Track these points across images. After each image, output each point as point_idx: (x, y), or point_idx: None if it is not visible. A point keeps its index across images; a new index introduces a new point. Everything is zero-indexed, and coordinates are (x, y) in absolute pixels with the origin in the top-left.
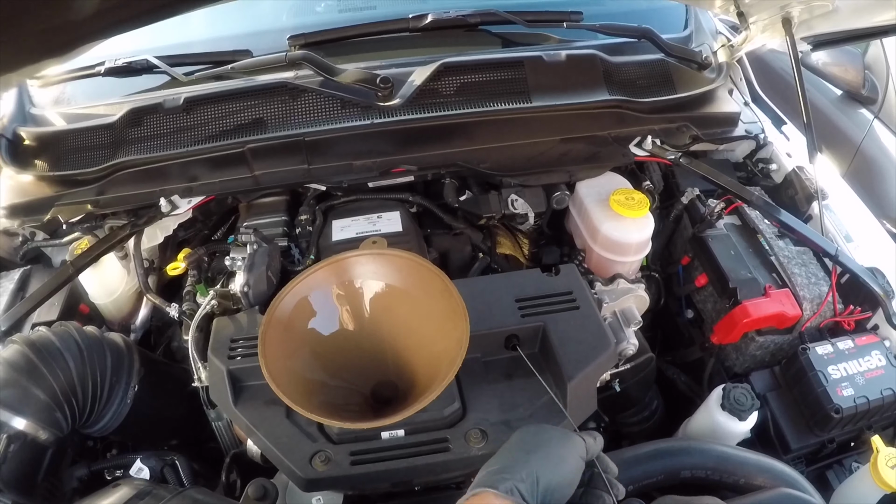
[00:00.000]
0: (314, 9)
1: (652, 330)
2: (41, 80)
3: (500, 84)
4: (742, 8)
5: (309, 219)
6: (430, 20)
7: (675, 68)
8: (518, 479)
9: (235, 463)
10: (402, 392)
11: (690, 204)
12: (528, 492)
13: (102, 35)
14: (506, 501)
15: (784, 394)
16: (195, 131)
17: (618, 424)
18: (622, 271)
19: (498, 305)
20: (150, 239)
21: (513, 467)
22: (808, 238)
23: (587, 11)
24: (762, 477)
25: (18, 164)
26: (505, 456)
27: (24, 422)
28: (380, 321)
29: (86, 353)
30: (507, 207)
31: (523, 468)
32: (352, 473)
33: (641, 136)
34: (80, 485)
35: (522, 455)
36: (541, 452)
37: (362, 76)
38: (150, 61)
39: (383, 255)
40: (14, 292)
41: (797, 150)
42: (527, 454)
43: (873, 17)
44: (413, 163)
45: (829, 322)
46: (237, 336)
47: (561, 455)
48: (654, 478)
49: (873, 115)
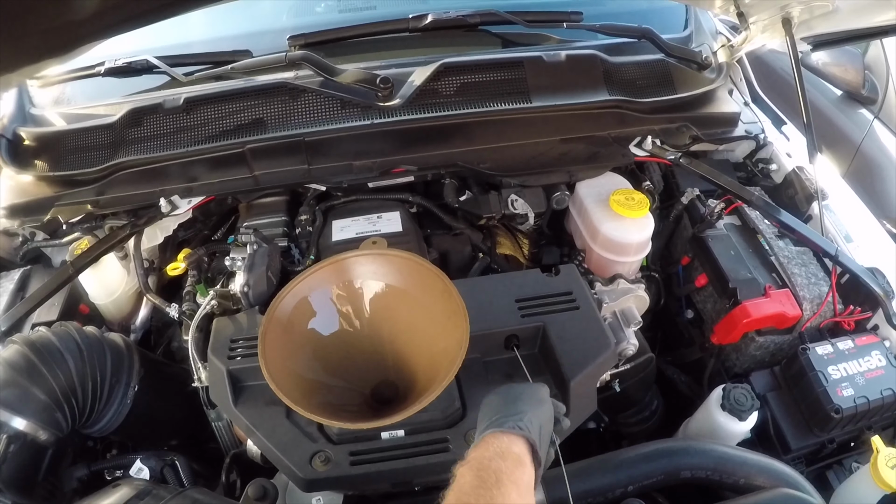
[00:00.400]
0: (314, 9)
1: (652, 330)
2: (41, 81)
3: (499, 84)
4: (742, 8)
5: (309, 219)
6: (429, 20)
7: (675, 68)
8: (516, 419)
9: (235, 463)
10: (401, 392)
11: (690, 204)
12: (526, 427)
13: (102, 35)
14: (511, 433)
15: (784, 394)
16: (195, 131)
17: (618, 424)
18: (622, 271)
19: (498, 306)
20: (150, 239)
21: (507, 413)
22: (808, 238)
23: (587, 11)
24: (762, 477)
25: (18, 165)
26: (493, 409)
27: (24, 422)
28: (380, 321)
29: (86, 353)
30: (507, 207)
31: (515, 411)
32: (352, 474)
33: (641, 137)
34: (79, 485)
35: (511, 404)
36: (524, 398)
37: (362, 76)
38: (150, 61)
39: (383, 256)
40: (14, 292)
41: (797, 150)
42: (514, 402)
43: (873, 17)
44: (413, 163)
45: (829, 322)
46: (237, 336)
47: (538, 398)
48: (654, 478)
49: (873, 115)
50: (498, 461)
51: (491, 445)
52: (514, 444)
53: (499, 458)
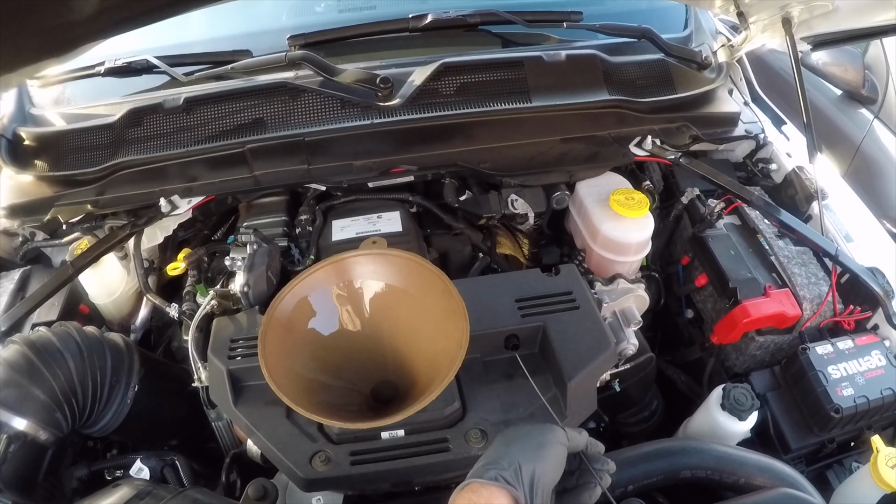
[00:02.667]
0: (314, 9)
1: (652, 330)
2: (41, 81)
3: (499, 84)
4: (742, 8)
5: (309, 219)
6: (429, 20)
7: (674, 68)
8: (501, 467)
9: (235, 463)
10: (401, 392)
11: (690, 204)
12: (511, 478)
13: (102, 35)
14: (492, 486)
15: (784, 394)
16: (195, 131)
17: (618, 424)
18: (622, 271)
19: (498, 305)
20: (150, 239)
21: (495, 459)
22: (808, 238)
23: (587, 11)
24: (762, 477)
25: (18, 165)
26: (489, 453)
27: (25, 422)
28: (380, 321)
29: (86, 353)
30: (507, 207)
31: (504, 458)
32: (352, 473)
33: (641, 136)
34: (80, 485)
35: (503, 448)
36: (519, 442)
37: (362, 76)
38: (150, 61)
39: (383, 256)
40: (14, 292)
41: (797, 149)
42: (507, 446)
43: (873, 17)
44: (413, 163)
45: (829, 322)
46: (237, 336)
47: (539, 442)
48: (654, 478)
49: (873, 115)
50: None
51: (463, 498)
52: (495, 497)
53: None
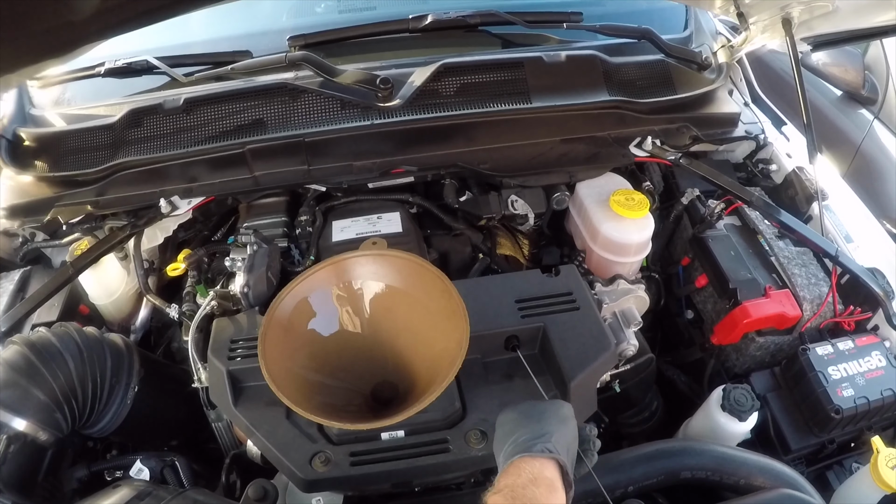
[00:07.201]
0: (314, 9)
1: (652, 330)
2: (41, 81)
3: (500, 85)
4: (742, 8)
5: (309, 219)
6: (430, 21)
7: (674, 69)
8: (544, 440)
9: (235, 464)
10: (402, 393)
11: (690, 204)
12: (555, 449)
13: (102, 35)
14: (542, 458)
15: (784, 394)
16: (195, 132)
17: (618, 425)
18: (622, 272)
19: (498, 306)
20: (150, 240)
21: (534, 434)
22: (808, 238)
23: (587, 12)
24: (762, 477)
25: (18, 165)
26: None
27: (24, 422)
28: (380, 322)
29: (86, 353)
30: (507, 208)
31: (541, 432)
32: (352, 474)
33: (641, 137)
34: (79, 485)
35: (535, 423)
36: (548, 417)
37: (362, 77)
38: (150, 62)
39: (383, 256)
40: (14, 293)
41: (797, 150)
42: (539, 421)
43: (873, 18)
44: (413, 163)
45: (830, 323)
46: (237, 337)
47: (562, 416)
48: (654, 478)
49: (873, 116)
50: (531, 488)
51: (523, 472)
52: (546, 468)
53: (532, 484)
